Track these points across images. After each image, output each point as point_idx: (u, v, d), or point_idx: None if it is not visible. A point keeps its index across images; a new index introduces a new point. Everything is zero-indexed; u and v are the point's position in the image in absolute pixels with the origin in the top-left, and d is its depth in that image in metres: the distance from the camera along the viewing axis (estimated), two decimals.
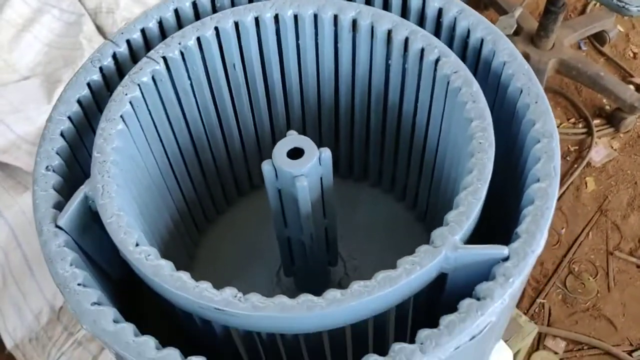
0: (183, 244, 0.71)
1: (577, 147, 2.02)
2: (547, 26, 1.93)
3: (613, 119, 2.02)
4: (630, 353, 1.65)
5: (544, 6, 1.95)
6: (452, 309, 0.47)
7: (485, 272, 0.48)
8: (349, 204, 0.77)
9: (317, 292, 0.46)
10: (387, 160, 0.74)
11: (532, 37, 1.98)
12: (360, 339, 0.50)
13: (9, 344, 1.51)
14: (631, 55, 2.25)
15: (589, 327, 1.70)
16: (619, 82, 2.03)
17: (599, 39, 2.21)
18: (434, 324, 0.45)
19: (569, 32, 2.07)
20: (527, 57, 1.90)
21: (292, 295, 0.46)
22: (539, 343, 1.67)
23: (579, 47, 2.22)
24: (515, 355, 1.01)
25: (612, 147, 2.02)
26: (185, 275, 0.46)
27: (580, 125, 2.03)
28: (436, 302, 0.51)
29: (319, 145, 0.55)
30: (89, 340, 1.64)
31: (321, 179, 0.58)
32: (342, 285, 0.72)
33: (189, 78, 0.62)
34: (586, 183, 1.94)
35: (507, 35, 0.60)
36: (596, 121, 2.04)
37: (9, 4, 1.69)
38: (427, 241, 0.47)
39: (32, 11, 1.72)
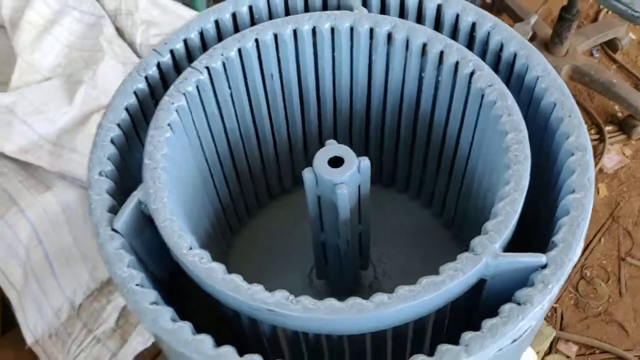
0: (218, 245, 0.73)
1: None
2: (561, 33, 1.95)
3: (625, 126, 2.04)
4: None
5: (557, 13, 1.97)
6: (488, 313, 0.49)
7: (523, 279, 0.50)
8: (377, 209, 0.79)
9: (349, 295, 0.48)
10: (416, 168, 0.76)
11: (546, 44, 2.00)
12: (400, 340, 0.52)
13: (29, 340, 1.54)
14: None
15: (601, 331, 1.72)
16: (631, 89, 2.04)
17: (611, 46, 2.23)
18: (469, 327, 0.47)
19: (582, 39, 2.09)
20: None
21: (323, 297, 0.48)
22: (551, 347, 1.69)
23: (592, 54, 2.24)
24: None
25: (624, 154, 2.03)
26: (237, 278, 0.49)
27: (592, 132, 2.05)
28: (473, 306, 0.53)
29: None
30: (108, 337, 1.67)
31: (359, 186, 0.60)
32: (372, 288, 0.74)
33: (229, 87, 0.64)
34: (598, 189, 1.95)
35: None
36: (608, 128, 2.06)
37: (30, 6, 1.72)
38: (454, 248, 0.49)
39: (52, 12, 1.75)
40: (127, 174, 0.57)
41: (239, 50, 0.62)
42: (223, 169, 0.69)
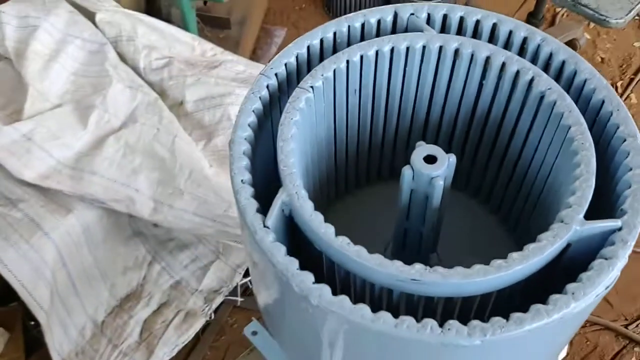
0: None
1: None
2: None
3: None
4: (626, 326, 1.84)
5: (526, 19, 2.15)
6: (566, 274, 0.62)
7: (598, 243, 0.63)
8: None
9: None
10: (467, 163, 0.89)
11: None
12: (500, 299, 0.64)
13: None
14: (599, 60, 2.47)
15: None
16: None
17: (570, 46, 2.42)
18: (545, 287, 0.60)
19: None
20: None
21: None
22: None
23: None
24: None
25: None
26: (380, 256, 0.60)
27: None
28: (554, 268, 0.66)
29: None
30: (133, 350, 1.74)
31: (445, 179, 0.72)
32: None
33: (325, 102, 0.76)
34: None
35: None
36: None
37: (34, 37, 1.78)
38: (501, 230, 0.60)
39: (55, 42, 1.81)
40: (257, 179, 0.68)
41: (334, 71, 0.73)
42: (318, 164, 0.81)
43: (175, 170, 1.65)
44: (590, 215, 0.64)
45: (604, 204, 0.69)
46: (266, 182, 0.71)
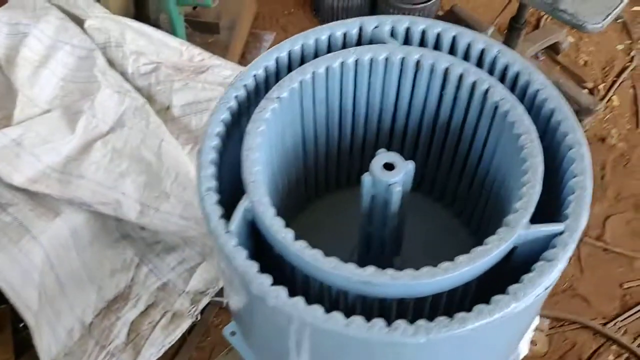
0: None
1: None
2: (512, 41, 2.16)
3: None
4: (604, 325, 1.88)
5: (507, 24, 2.19)
6: (513, 275, 0.65)
7: (542, 244, 0.67)
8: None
9: None
10: (431, 169, 0.92)
11: None
12: (451, 298, 0.68)
13: None
14: (582, 62, 2.52)
15: (568, 305, 1.93)
16: (575, 87, 2.28)
17: (554, 49, 2.47)
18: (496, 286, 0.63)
19: (529, 45, 2.32)
20: None
21: None
22: None
23: (537, 58, 2.47)
24: None
25: None
26: (335, 259, 0.63)
27: None
28: (503, 269, 0.69)
29: None
30: (120, 351, 1.78)
31: (404, 185, 0.76)
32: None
33: (293, 112, 0.79)
34: None
35: None
36: None
37: (23, 43, 1.82)
38: (463, 232, 0.64)
39: (45, 48, 1.85)
40: (223, 186, 0.71)
41: (300, 82, 0.77)
42: (286, 172, 0.84)
43: (162, 174, 1.69)
44: (542, 218, 0.68)
45: (554, 208, 0.72)
46: (234, 190, 0.74)
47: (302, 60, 0.81)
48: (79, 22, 1.89)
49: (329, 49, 0.82)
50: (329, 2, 2.43)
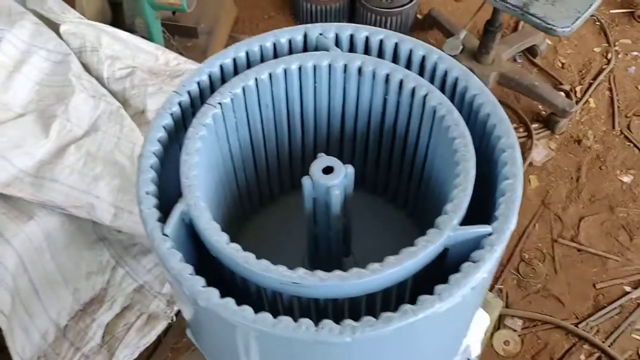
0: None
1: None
2: (487, 44, 2.18)
3: (549, 123, 2.29)
4: (576, 325, 1.90)
5: (482, 26, 2.21)
6: (453, 272, 0.67)
7: (475, 246, 0.68)
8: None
9: None
10: (383, 173, 0.94)
11: (474, 54, 2.23)
12: (387, 298, 0.69)
13: None
14: (560, 65, 2.54)
15: (541, 305, 1.94)
16: (551, 89, 2.30)
17: (531, 52, 2.49)
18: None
19: (505, 47, 2.34)
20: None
21: None
22: (499, 323, 1.90)
23: (515, 60, 2.49)
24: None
25: (550, 148, 2.29)
26: (266, 261, 0.65)
27: (521, 130, 2.30)
28: (436, 268, 0.71)
29: None
30: (95, 353, 1.79)
31: (345, 188, 0.77)
32: None
33: (235, 117, 0.81)
34: (530, 181, 2.19)
35: (453, 55, 0.82)
36: (534, 125, 2.31)
37: None
38: (415, 233, 0.67)
39: (20, 53, 1.86)
40: (164, 190, 0.73)
41: (243, 88, 0.79)
42: (236, 175, 0.86)
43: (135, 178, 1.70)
44: (481, 221, 0.69)
45: (490, 209, 0.74)
46: (178, 194, 0.76)
47: (249, 67, 0.83)
48: (54, 27, 1.90)
49: (275, 56, 0.84)
50: (308, 7, 2.45)
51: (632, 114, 2.39)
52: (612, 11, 2.73)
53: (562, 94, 2.37)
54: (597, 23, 2.66)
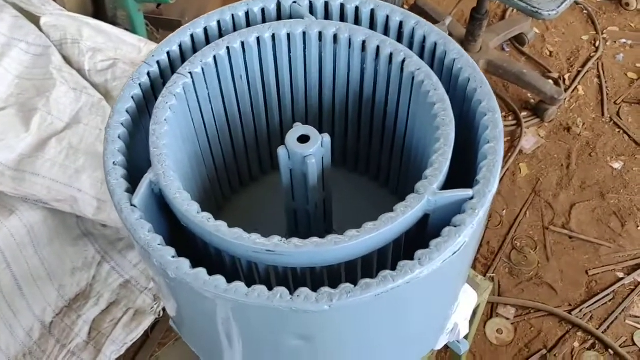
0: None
1: (509, 138, 2.26)
2: (474, 32, 2.16)
3: (538, 111, 2.27)
4: (569, 312, 1.87)
5: (469, 14, 2.19)
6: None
7: (456, 210, 0.66)
8: (334, 186, 0.94)
9: None
10: (364, 146, 0.91)
11: (461, 42, 2.21)
12: (368, 265, 0.67)
13: None
14: (548, 53, 2.52)
15: (534, 293, 1.92)
16: (540, 77, 2.28)
17: (519, 40, 2.47)
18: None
19: (493, 36, 2.32)
20: None
21: None
22: (492, 312, 1.88)
23: (503, 49, 2.48)
24: (476, 309, 1.19)
25: (540, 136, 2.27)
26: (240, 230, 0.62)
27: (510, 118, 2.28)
28: (421, 236, 0.68)
29: None
30: (81, 349, 1.75)
31: (322, 158, 0.74)
32: None
33: (207, 88, 0.78)
34: (520, 169, 2.17)
35: None
36: (524, 113, 2.29)
37: None
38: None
39: (0, 46, 1.82)
40: (132, 161, 0.70)
41: (214, 57, 0.76)
42: (212, 151, 0.83)
43: None
44: (464, 186, 0.67)
45: (470, 176, 0.71)
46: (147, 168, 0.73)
47: (220, 37, 0.80)
48: (34, 19, 1.87)
49: (248, 25, 0.81)
50: None
51: (621, 101, 2.38)
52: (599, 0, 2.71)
53: (551, 81, 2.35)
54: (585, 11, 2.65)
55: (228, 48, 0.77)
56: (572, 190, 2.14)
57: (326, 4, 0.81)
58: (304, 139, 0.72)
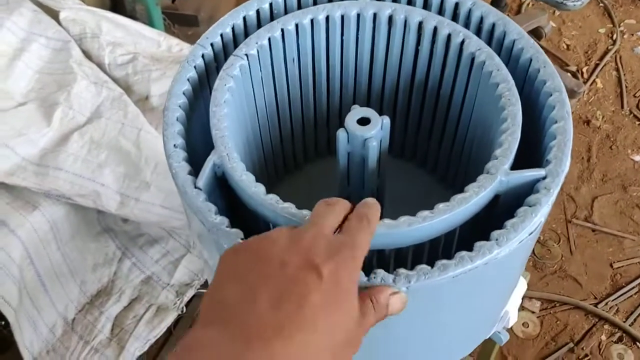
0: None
1: None
2: None
3: None
4: (595, 305, 1.86)
5: None
6: (503, 222, 0.63)
7: (526, 192, 0.64)
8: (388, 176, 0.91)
9: None
10: (421, 135, 0.89)
11: None
12: (434, 248, 0.65)
13: (27, 358, 1.58)
14: (565, 47, 2.51)
15: (558, 286, 1.91)
16: (558, 70, 2.27)
17: (536, 34, 2.45)
18: (486, 236, 0.61)
19: None
20: None
21: None
22: None
23: None
24: None
25: None
26: (308, 212, 0.60)
27: None
28: (487, 221, 0.67)
29: None
30: (105, 346, 1.74)
31: (381, 141, 0.73)
32: None
33: (261, 70, 0.77)
34: None
35: None
36: None
37: None
38: (446, 195, 0.63)
39: (19, 41, 1.81)
40: (191, 144, 0.68)
41: (269, 39, 0.74)
42: (262, 134, 0.81)
43: (141, 164, 1.65)
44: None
45: (537, 158, 0.70)
46: (205, 152, 0.71)
47: (272, 20, 0.79)
48: (53, 14, 1.85)
49: (299, 7, 0.80)
50: None
51: None
52: None
53: (569, 74, 2.34)
54: (601, 4, 2.64)
55: (282, 30, 0.75)
56: (594, 183, 2.13)
57: None
58: (363, 122, 0.70)
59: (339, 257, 0.49)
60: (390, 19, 0.77)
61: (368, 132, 0.69)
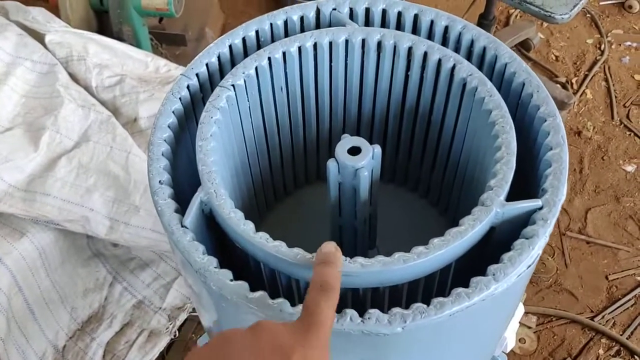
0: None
1: None
2: None
3: None
4: (592, 318, 1.84)
5: (477, 21, 2.17)
6: (494, 257, 0.61)
7: (522, 223, 0.63)
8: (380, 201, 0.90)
9: None
10: (412, 161, 0.88)
11: None
12: (430, 287, 0.63)
13: None
14: (553, 58, 2.51)
15: (554, 301, 1.89)
16: (548, 82, 2.27)
17: (525, 46, 2.45)
18: (479, 270, 0.59)
19: None
20: None
21: None
22: None
23: None
24: None
25: None
26: (300, 250, 0.59)
27: None
28: (484, 250, 0.65)
29: None
30: None
31: (372, 170, 0.71)
32: None
33: (248, 100, 0.75)
34: None
35: None
36: None
37: None
38: (444, 225, 0.61)
39: (4, 65, 1.79)
40: (178, 179, 0.67)
41: (256, 68, 0.73)
42: (250, 169, 0.80)
43: (130, 187, 1.63)
44: (520, 198, 0.64)
45: (531, 185, 0.68)
46: (192, 185, 0.70)
47: (259, 47, 0.77)
48: (39, 37, 1.83)
49: (287, 34, 0.78)
50: None
51: (630, 104, 2.36)
52: (601, 3, 2.71)
53: (559, 86, 2.34)
54: (588, 15, 2.64)
55: (269, 58, 0.74)
56: (587, 195, 2.12)
57: (367, 10, 0.78)
58: (354, 151, 0.69)
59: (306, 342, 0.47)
60: (379, 44, 0.76)
61: (359, 162, 0.68)
